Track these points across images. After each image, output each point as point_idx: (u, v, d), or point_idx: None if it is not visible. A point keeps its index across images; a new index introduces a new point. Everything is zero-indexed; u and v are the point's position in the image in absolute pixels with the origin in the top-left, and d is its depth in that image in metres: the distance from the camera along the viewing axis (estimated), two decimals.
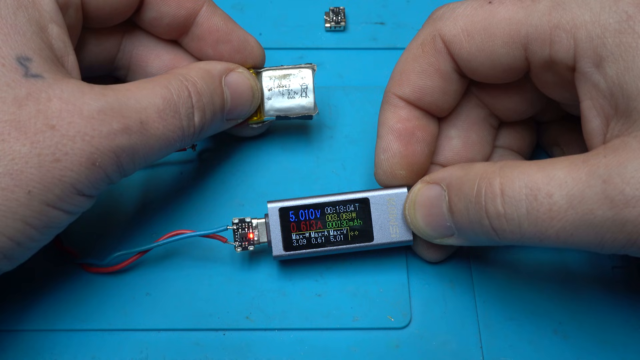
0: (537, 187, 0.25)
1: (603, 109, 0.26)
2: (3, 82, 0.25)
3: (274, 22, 0.43)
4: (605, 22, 0.25)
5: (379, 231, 0.32)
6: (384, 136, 0.32)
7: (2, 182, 0.24)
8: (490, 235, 0.26)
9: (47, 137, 0.25)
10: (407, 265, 0.34)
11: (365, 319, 0.33)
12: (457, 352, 0.32)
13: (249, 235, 0.32)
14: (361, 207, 0.32)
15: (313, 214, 0.32)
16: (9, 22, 0.26)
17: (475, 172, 0.27)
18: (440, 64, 0.30)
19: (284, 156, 0.37)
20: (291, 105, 0.35)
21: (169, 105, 0.29)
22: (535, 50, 0.28)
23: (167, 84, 0.29)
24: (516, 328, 0.32)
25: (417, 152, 0.32)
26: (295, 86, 0.35)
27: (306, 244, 0.32)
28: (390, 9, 0.43)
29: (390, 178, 0.32)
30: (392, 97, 0.32)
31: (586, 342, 0.32)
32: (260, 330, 0.32)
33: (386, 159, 0.32)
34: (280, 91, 0.35)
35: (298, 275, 0.34)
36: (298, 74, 0.35)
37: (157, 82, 0.29)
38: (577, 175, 0.24)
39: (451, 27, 0.29)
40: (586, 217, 0.24)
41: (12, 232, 0.25)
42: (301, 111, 0.35)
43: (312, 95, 0.35)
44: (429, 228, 0.30)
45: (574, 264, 0.34)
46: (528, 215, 0.25)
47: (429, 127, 0.32)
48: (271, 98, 0.35)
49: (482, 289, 0.33)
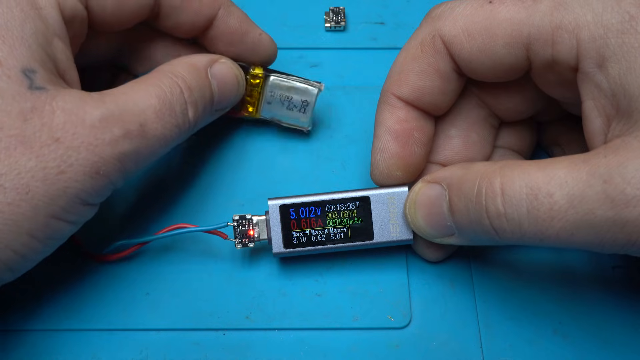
0: (538, 186, 0.24)
1: (605, 109, 0.26)
2: (9, 95, 0.25)
3: (274, 22, 0.43)
4: (608, 22, 0.25)
5: (379, 230, 0.32)
6: (381, 136, 0.32)
7: (9, 196, 0.25)
8: (491, 234, 0.26)
9: (52, 150, 0.25)
10: (407, 265, 0.34)
11: (365, 318, 0.33)
12: (457, 351, 0.32)
13: (250, 232, 0.32)
14: (362, 205, 0.32)
15: (314, 211, 0.32)
16: (15, 33, 0.26)
17: (475, 172, 0.27)
18: (439, 64, 0.30)
19: (284, 156, 0.37)
20: (288, 115, 0.36)
21: (164, 104, 0.29)
22: (537, 50, 0.27)
23: (159, 82, 0.29)
24: (516, 328, 0.32)
25: (414, 154, 0.32)
26: (297, 100, 0.35)
27: (306, 242, 0.32)
28: (391, 8, 0.43)
29: (386, 178, 0.32)
30: (391, 97, 0.31)
31: (586, 341, 0.32)
32: (260, 330, 0.32)
33: (383, 159, 0.32)
34: (282, 100, 0.35)
35: (298, 275, 0.34)
36: (304, 91, 0.35)
37: (149, 82, 0.29)
38: (578, 175, 0.24)
39: (451, 27, 0.29)
40: (587, 217, 0.24)
41: (17, 245, 0.25)
42: (295, 124, 0.36)
43: (310, 113, 0.36)
44: (430, 227, 0.30)
45: (574, 264, 0.34)
46: (528, 214, 0.25)
47: (426, 128, 0.32)
48: (271, 103, 0.36)
49: (482, 289, 0.33)
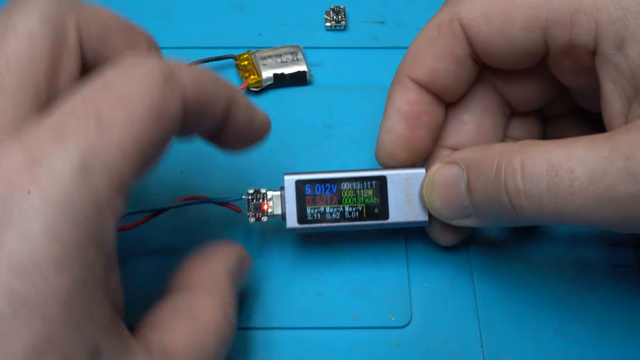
0: (559, 163, 0.24)
1: (625, 91, 0.26)
2: None
3: (274, 21, 0.43)
4: (627, 4, 0.25)
5: (394, 210, 0.31)
6: (390, 116, 0.32)
7: None
8: (509, 213, 0.26)
9: None
10: (408, 264, 0.34)
11: (366, 317, 0.33)
12: (457, 350, 0.32)
13: (263, 206, 0.32)
14: (378, 184, 0.31)
15: (329, 188, 0.31)
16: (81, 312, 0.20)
17: (494, 151, 0.27)
18: (455, 48, 0.30)
19: (284, 155, 0.37)
20: (285, 68, 0.40)
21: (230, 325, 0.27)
22: (555, 34, 0.27)
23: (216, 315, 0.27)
24: (516, 326, 0.32)
25: (421, 137, 0.31)
26: (287, 56, 0.40)
27: (320, 218, 0.31)
28: (391, 8, 0.43)
29: (390, 159, 0.32)
30: (404, 78, 0.31)
31: (586, 340, 0.32)
32: (260, 330, 0.32)
33: (390, 139, 0.31)
34: (275, 60, 0.40)
35: (298, 274, 0.34)
36: (288, 49, 0.40)
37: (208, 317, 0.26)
38: (599, 152, 0.24)
39: (469, 10, 0.29)
40: (608, 193, 0.23)
41: None
42: (295, 69, 0.40)
43: (304, 61, 0.40)
44: (446, 208, 0.30)
45: (574, 264, 0.34)
46: (548, 191, 0.24)
47: (436, 114, 0.32)
48: (267, 65, 0.39)
49: (482, 288, 0.33)
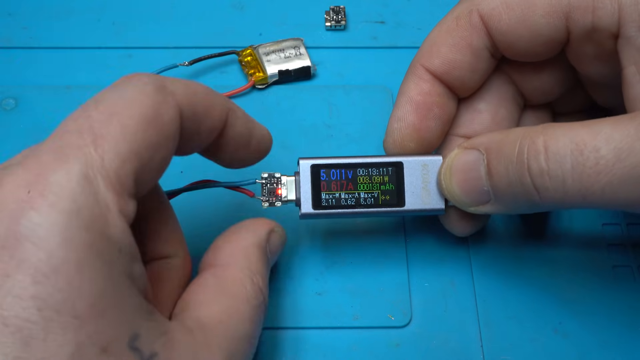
0: (584, 142, 0.24)
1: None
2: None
3: (274, 21, 0.43)
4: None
5: (410, 197, 0.31)
6: (401, 105, 0.31)
7: None
8: (531, 196, 0.26)
9: None
10: (408, 264, 0.34)
11: (366, 317, 0.33)
12: (457, 350, 0.32)
13: (277, 190, 0.31)
14: (394, 171, 0.31)
15: (344, 174, 0.31)
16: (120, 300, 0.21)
17: (516, 134, 0.26)
18: (473, 39, 0.30)
19: (284, 155, 0.37)
20: (289, 64, 0.40)
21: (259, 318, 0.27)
22: (577, 18, 0.27)
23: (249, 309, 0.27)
24: (516, 327, 0.32)
25: (431, 129, 0.31)
26: (290, 51, 0.40)
27: (335, 204, 0.31)
28: (391, 8, 0.43)
29: (398, 148, 0.31)
30: (419, 68, 0.31)
31: (586, 341, 0.32)
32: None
33: (399, 128, 0.31)
34: (278, 56, 0.40)
35: (298, 274, 0.34)
36: (290, 43, 0.40)
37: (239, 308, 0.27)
38: (625, 130, 0.23)
39: (490, 0, 0.29)
40: (634, 170, 0.23)
41: None
42: (300, 64, 0.40)
43: (305, 54, 0.40)
44: (465, 194, 0.29)
45: (574, 264, 0.34)
46: (573, 170, 0.24)
47: (448, 106, 0.32)
48: (270, 60, 0.40)
49: (482, 288, 0.33)
